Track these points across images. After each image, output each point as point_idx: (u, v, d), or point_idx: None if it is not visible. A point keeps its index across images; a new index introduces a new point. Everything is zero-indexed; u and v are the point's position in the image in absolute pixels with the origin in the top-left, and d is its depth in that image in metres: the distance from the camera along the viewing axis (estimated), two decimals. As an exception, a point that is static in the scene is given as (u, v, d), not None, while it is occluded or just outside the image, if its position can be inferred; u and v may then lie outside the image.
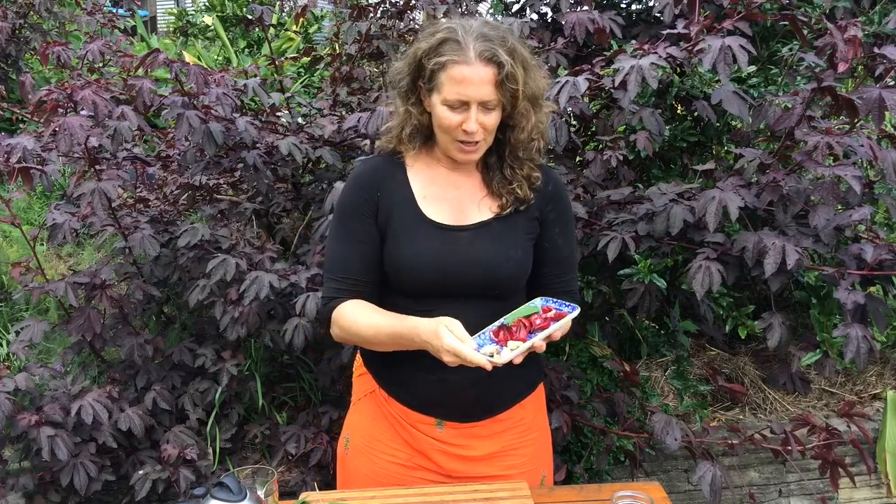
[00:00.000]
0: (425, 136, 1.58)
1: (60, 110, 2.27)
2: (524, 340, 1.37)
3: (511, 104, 1.47)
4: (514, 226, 1.57)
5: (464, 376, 1.50)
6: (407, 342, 1.46)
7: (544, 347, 1.40)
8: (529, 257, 1.59)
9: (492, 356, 1.34)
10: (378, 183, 1.58)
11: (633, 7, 2.98)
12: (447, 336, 1.35)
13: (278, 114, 2.86)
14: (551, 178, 1.63)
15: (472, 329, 1.52)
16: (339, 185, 2.25)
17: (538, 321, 1.42)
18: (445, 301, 1.53)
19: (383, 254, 1.57)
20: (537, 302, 1.49)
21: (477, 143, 1.49)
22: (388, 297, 1.61)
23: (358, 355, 1.74)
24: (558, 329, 1.40)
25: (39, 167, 2.21)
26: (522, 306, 1.48)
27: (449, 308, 1.51)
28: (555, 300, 1.48)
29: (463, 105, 1.45)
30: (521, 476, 1.61)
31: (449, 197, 1.57)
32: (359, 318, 1.53)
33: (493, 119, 1.48)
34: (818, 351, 2.07)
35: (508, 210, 1.56)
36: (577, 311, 1.43)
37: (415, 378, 1.58)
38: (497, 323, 1.44)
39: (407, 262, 1.53)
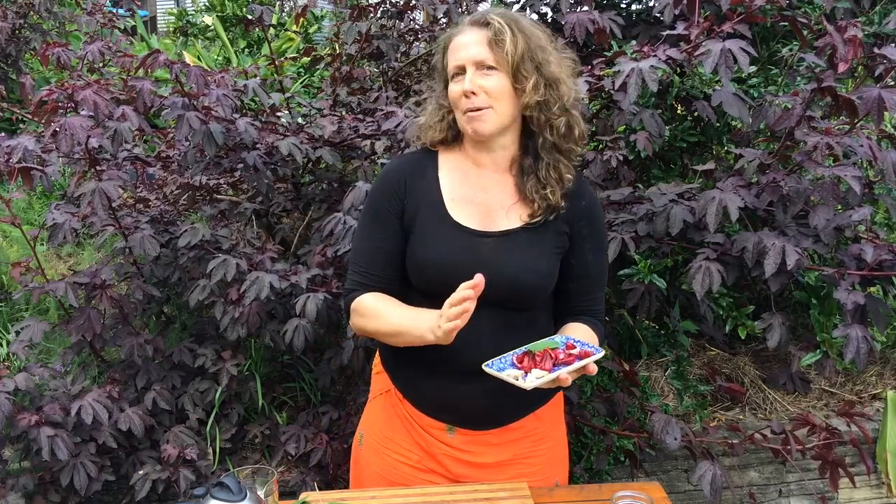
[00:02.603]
0: (455, 132, 1.58)
1: (61, 111, 2.27)
2: (549, 371, 1.36)
3: (510, 61, 1.44)
4: (542, 237, 1.54)
5: (475, 385, 1.49)
6: (413, 328, 1.46)
7: (570, 382, 1.38)
8: (554, 271, 1.56)
9: (516, 379, 1.34)
10: (406, 181, 1.57)
11: (633, 7, 2.98)
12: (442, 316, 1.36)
13: (278, 114, 2.86)
14: (586, 194, 1.59)
15: (490, 336, 1.52)
16: (361, 185, 2.27)
17: (562, 355, 1.40)
18: None
19: (406, 252, 1.56)
20: (559, 338, 1.47)
21: (481, 110, 1.47)
22: (410, 297, 1.60)
23: (377, 353, 1.74)
24: (582, 367, 1.38)
25: (39, 167, 2.21)
26: (545, 339, 1.47)
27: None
28: (577, 340, 1.46)
29: (461, 72, 1.47)
30: (531, 484, 1.59)
31: (477, 200, 1.55)
32: (378, 305, 1.55)
33: (492, 82, 1.46)
34: (818, 351, 2.07)
35: (538, 219, 1.53)
36: (602, 353, 1.42)
37: (427, 383, 1.57)
38: (521, 349, 1.43)
39: (428, 263, 1.52)
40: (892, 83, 1.95)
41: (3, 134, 2.37)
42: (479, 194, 1.56)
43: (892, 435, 2.83)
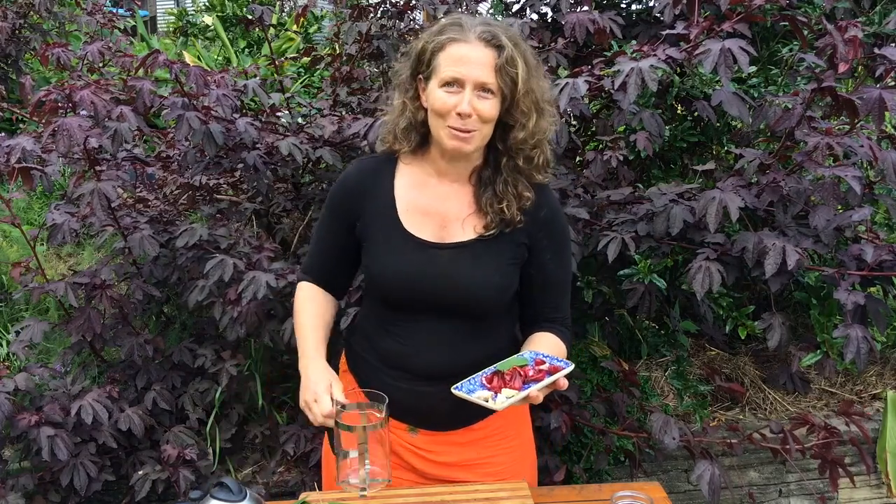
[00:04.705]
0: (420, 136, 1.54)
1: (60, 111, 2.27)
2: (519, 389, 1.35)
3: (511, 92, 1.42)
4: (498, 249, 1.52)
5: (439, 388, 1.48)
6: (300, 354, 1.58)
7: (541, 398, 1.37)
8: (511, 282, 1.55)
9: (486, 401, 1.34)
10: (363, 190, 1.57)
11: (633, 7, 2.98)
12: (310, 394, 1.46)
13: (278, 114, 2.86)
14: (546, 201, 1.56)
15: (450, 345, 1.52)
16: None
17: (531, 372, 1.40)
18: (421, 316, 1.53)
19: (362, 259, 1.58)
20: (527, 355, 1.47)
21: (470, 132, 1.43)
22: (369, 299, 1.64)
23: (343, 353, 1.75)
24: (552, 382, 1.37)
25: (39, 167, 2.21)
26: (513, 357, 1.46)
27: (425, 322, 1.52)
28: (546, 354, 1.45)
29: (459, 86, 1.41)
30: (498, 483, 1.59)
31: (433, 211, 1.54)
32: (298, 308, 1.65)
33: (488, 107, 1.42)
34: (818, 351, 2.07)
35: (493, 231, 1.51)
36: (571, 367, 1.41)
37: (390, 386, 1.56)
38: (490, 369, 1.42)
39: (382, 274, 1.53)
40: (893, 83, 1.95)
41: (2, 134, 2.37)
42: (436, 205, 1.54)
43: (892, 435, 2.82)
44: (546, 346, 1.53)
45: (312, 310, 1.63)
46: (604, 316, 2.72)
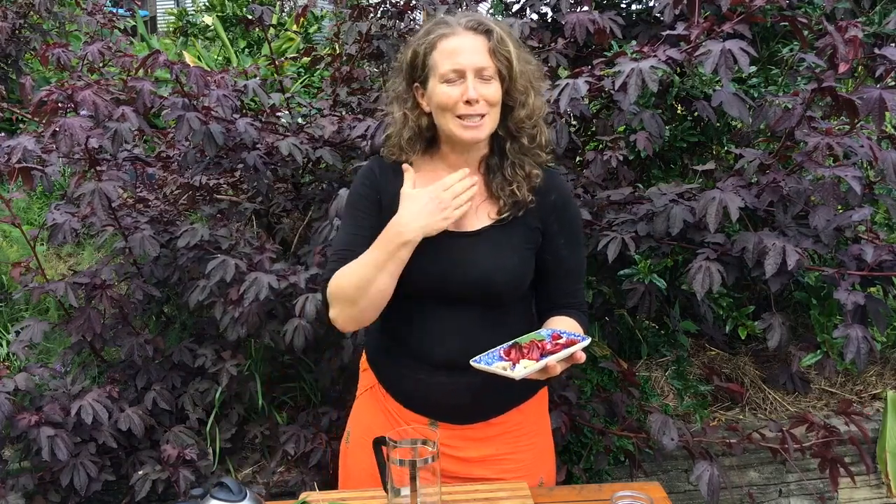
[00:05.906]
0: (427, 140, 1.57)
1: (61, 111, 2.27)
2: (537, 360, 1.37)
3: (508, 72, 1.47)
4: (513, 234, 1.55)
5: (457, 380, 1.51)
6: (393, 248, 1.45)
7: (559, 371, 1.39)
8: (527, 266, 1.57)
9: (505, 370, 1.36)
10: (383, 182, 1.59)
11: (633, 7, 2.98)
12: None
13: (278, 114, 2.86)
14: (556, 186, 1.60)
15: (469, 332, 1.53)
16: (343, 193, 2.26)
17: (548, 346, 1.42)
18: (443, 306, 1.54)
19: None
20: (544, 332, 1.49)
21: (481, 117, 1.47)
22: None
23: (364, 351, 1.76)
24: (569, 354, 1.39)
25: (39, 167, 2.21)
26: (531, 333, 1.49)
27: (446, 313, 1.54)
28: (563, 331, 1.48)
29: (460, 76, 1.45)
30: (516, 480, 1.60)
31: None
32: (344, 269, 1.51)
33: (492, 90, 1.47)
34: (818, 351, 2.07)
35: (506, 214, 1.54)
36: (588, 340, 1.43)
37: (410, 378, 1.59)
38: (509, 343, 1.45)
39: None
40: (893, 83, 1.95)
41: (3, 134, 2.37)
42: None
43: (892, 435, 2.82)
44: (563, 325, 1.55)
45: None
46: (604, 316, 2.72)
